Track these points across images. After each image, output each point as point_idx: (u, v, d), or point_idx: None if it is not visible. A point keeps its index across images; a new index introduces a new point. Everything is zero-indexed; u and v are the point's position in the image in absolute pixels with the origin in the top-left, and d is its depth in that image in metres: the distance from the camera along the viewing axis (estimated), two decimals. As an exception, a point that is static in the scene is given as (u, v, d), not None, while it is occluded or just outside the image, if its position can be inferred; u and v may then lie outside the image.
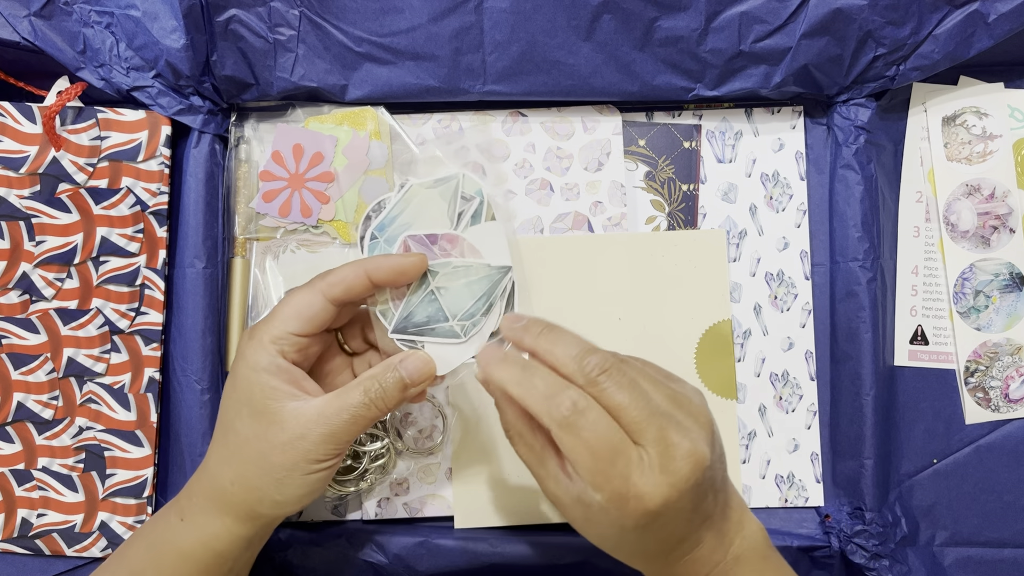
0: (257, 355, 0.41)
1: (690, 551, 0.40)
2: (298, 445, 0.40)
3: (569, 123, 0.58)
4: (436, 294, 0.42)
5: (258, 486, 0.42)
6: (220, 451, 0.43)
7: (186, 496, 0.45)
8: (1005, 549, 0.57)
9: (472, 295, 0.42)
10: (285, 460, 0.41)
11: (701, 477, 0.37)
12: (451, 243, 0.42)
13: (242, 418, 0.42)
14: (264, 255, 0.57)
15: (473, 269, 0.41)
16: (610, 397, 0.37)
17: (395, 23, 0.53)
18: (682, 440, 0.37)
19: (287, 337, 0.42)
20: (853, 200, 0.56)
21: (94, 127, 0.54)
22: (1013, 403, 0.58)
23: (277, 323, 0.42)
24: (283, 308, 0.43)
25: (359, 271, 0.43)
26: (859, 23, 0.53)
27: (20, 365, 0.54)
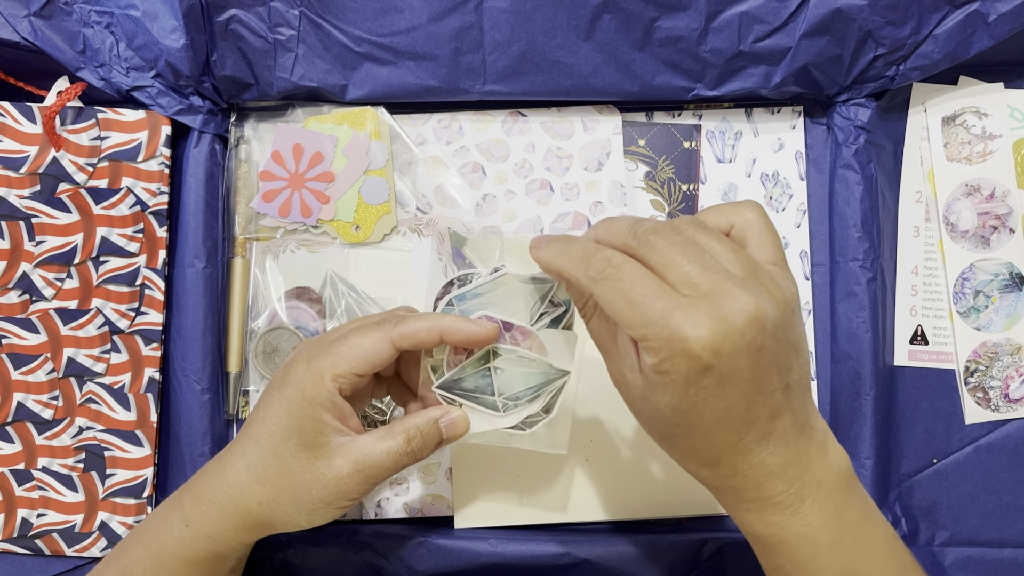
0: (317, 389, 0.41)
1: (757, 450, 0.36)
2: (341, 483, 0.42)
3: (569, 123, 0.58)
4: (492, 372, 0.43)
5: (289, 511, 0.42)
6: (254, 469, 0.43)
7: (192, 500, 0.44)
8: (1005, 549, 0.57)
9: (525, 383, 0.43)
10: (324, 495, 0.42)
11: (760, 338, 0.33)
12: (524, 336, 0.43)
13: (289, 447, 0.42)
14: (264, 255, 0.57)
15: (535, 364, 0.43)
16: (655, 252, 0.35)
17: (395, 23, 0.53)
18: (739, 291, 0.33)
19: (349, 376, 0.42)
20: (853, 200, 0.56)
21: (94, 127, 0.54)
22: (1013, 403, 0.58)
23: (342, 362, 0.42)
24: (349, 348, 0.42)
25: (434, 329, 0.42)
26: (859, 23, 0.53)
27: (20, 365, 0.54)
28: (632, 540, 0.55)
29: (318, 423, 0.41)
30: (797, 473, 0.36)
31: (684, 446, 0.37)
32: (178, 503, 0.45)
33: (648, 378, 0.35)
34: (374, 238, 0.57)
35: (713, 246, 0.35)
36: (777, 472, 0.36)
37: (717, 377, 0.33)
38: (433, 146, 0.58)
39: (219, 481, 0.44)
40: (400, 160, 0.58)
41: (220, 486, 0.44)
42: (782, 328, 0.34)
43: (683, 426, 0.36)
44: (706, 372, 0.33)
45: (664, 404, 0.35)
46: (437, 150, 0.58)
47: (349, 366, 0.42)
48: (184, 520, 0.44)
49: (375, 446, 0.42)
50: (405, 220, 0.57)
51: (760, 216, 0.38)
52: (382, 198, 0.57)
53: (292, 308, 0.57)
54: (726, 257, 0.35)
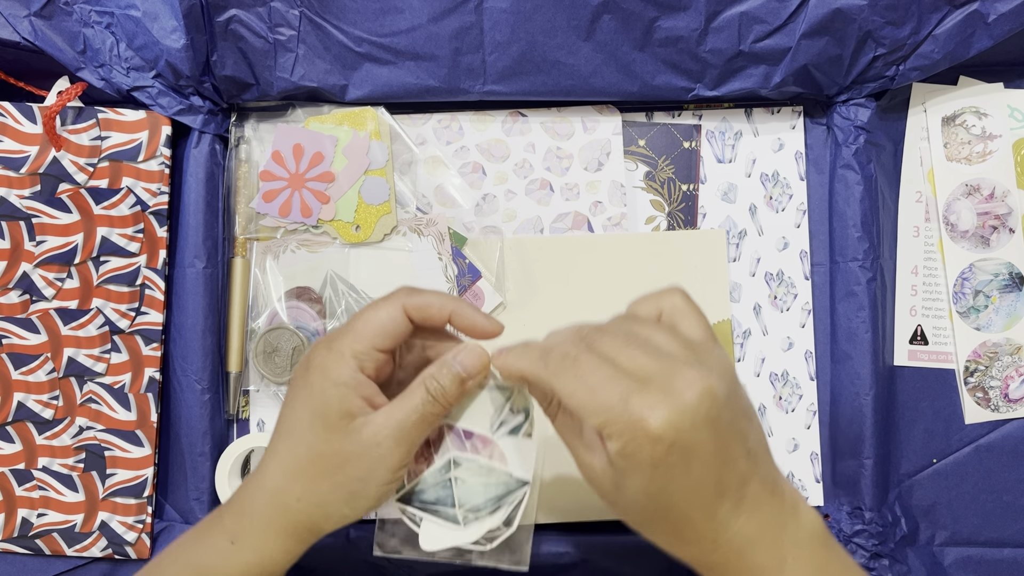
0: (339, 368, 0.40)
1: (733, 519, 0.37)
2: (373, 453, 0.40)
3: (569, 123, 0.58)
4: (452, 482, 0.43)
5: (328, 500, 0.41)
6: (286, 465, 0.41)
7: (234, 516, 0.42)
8: (1005, 549, 0.57)
9: (486, 494, 0.43)
10: (360, 471, 0.40)
11: (715, 410, 0.35)
12: (484, 445, 0.43)
13: (315, 431, 0.40)
14: (264, 255, 0.57)
15: (496, 474, 0.43)
16: (604, 347, 0.36)
17: (395, 23, 0.53)
18: (687, 369, 0.35)
19: (369, 352, 0.41)
20: (853, 200, 0.56)
21: (94, 127, 0.54)
22: (1012, 403, 0.58)
23: (360, 337, 0.41)
24: (364, 323, 0.41)
25: (445, 306, 0.42)
26: (859, 23, 0.53)
27: (20, 365, 0.54)
28: (632, 540, 0.55)
29: (343, 403, 0.40)
30: (774, 536, 0.38)
31: (663, 528, 0.38)
32: (218, 520, 0.43)
33: (616, 466, 0.36)
34: (374, 238, 0.57)
35: (651, 334, 0.37)
36: (755, 539, 0.37)
37: (681, 454, 0.35)
38: (433, 146, 0.58)
39: (255, 488, 0.42)
40: (400, 160, 0.58)
41: (257, 493, 0.42)
42: (732, 398, 0.36)
43: (658, 508, 0.37)
44: (670, 451, 0.34)
45: (635, 489, 0.36)
46: (437, 150, 0.58)
47: (368, 340, 0.41)
48: (229, 537, 0.42)
49: (398, 407, 0.40)
50: (405, 220, 0.57)
51: (684, 299, 0.40)
52: (382, 198, 0.57)
53: (292, 308, 0.57)
54: (665, 341, 0.37)
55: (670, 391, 0.34)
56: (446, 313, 0.42)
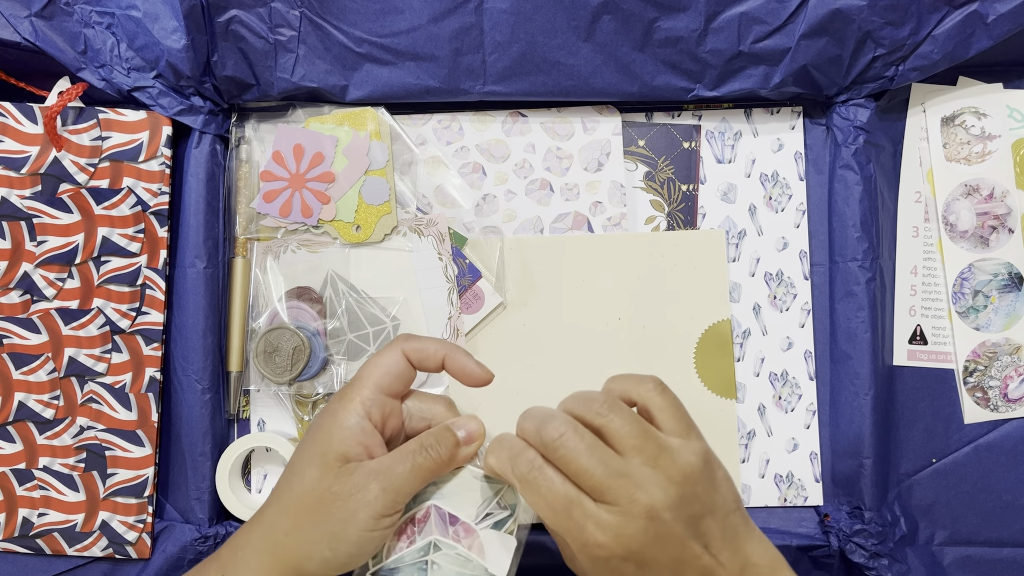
0: (347, 413, 0.42)
1: None
2: (357, 496, 0.41)
3: (569, 123, 0.58)
4: (428, 566, 0.43)
5: (311, 539, 0.41)
6: (282, 499, 0.43)
7: (230, 550, 0.43)
8: (1004, 548, 0.57)
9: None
10: (343, 512, 0.41)
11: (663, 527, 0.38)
12: (466, 534, 0.43)
13: (312, 467, 0.42)
14: (265, 255, 0.57)
15: (471, 566, 0.43)
16: (566, 463, 0.39)
17: (395, 24, 0.54)
18: (636, 491, 0.38)
19: (376, 396, 0.43)
20: (852, 200, 0.56)
21: (95, 127, 0.54)
22: (1012, 403, 0.58)
23: (366, 383, 0.43)
24: (370, 369, 0.44)
25: (439, 350, 0.44)
26: (858, 23, 0.53)
27: (21, 365, 0.54)
28: None
29: (344, 446, 0.41)
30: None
31: None
32: (216, 555, 0.44)
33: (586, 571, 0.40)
34: (375, 238, 0.57)
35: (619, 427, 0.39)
36: None
37: (636, 562, 0.38)
38: (433, 146, 0.58)
39: (254, 522, 0.43)
40: (400, 160, 0.58)
41: (255, 527, 0.43)
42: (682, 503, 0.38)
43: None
44: (624, 561, 0.38)
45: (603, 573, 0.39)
46: (437, 150, 0.58)
47: (373, 382, 0.43)
48: (221, 570, 0.43)
49: (391, 456, 0.42)
50: (405, 220, 0.57)
51: (660, 392, 0.42)
52: (382, 198, 0.57)
53: (293, 308, 0.57)
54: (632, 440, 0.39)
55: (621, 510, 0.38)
56: (440, 357, 0.44)
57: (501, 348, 0.57)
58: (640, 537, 0.38)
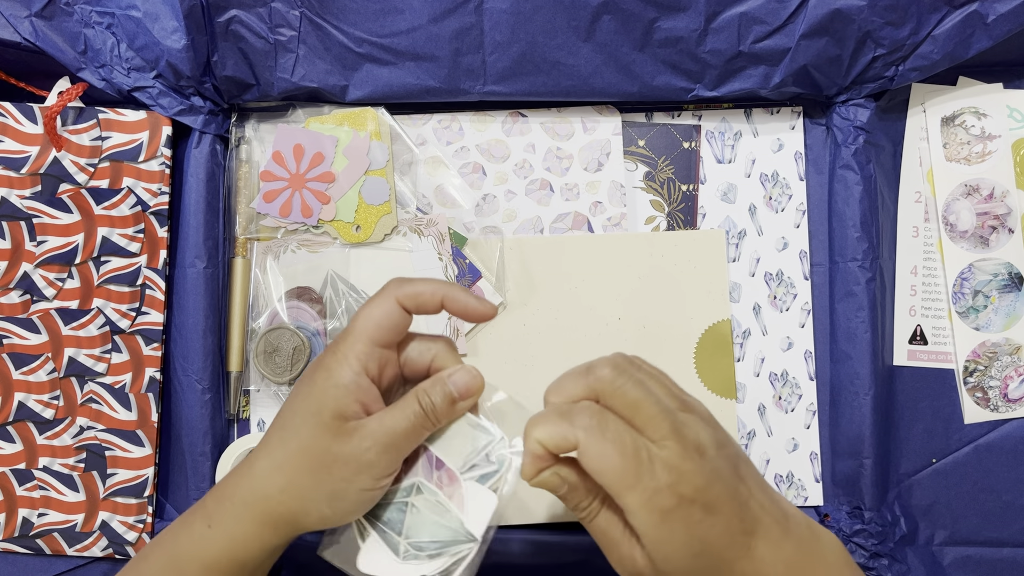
0: (341, 370, 0.41)
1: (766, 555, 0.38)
2: (361, 457, 0.40)
3: (569, 123, 0.58)
4: (408, 508, 0.43)
5: (310, 497, 0.41)
6: (274, 456, 0.42)
7: (215, 500, 0.43)
8: (1004, 548, 0.57)
9: (432, 535, 0.43)
10: (345, 472, 0.40)
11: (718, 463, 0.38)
12: (450, 481, 0.43)
13: (309, 427, 0.41)
14: (265, 255, 0.57)
15: (449, 516, 0.43)
16: (625, 395, 0.38)
17: (395, 24, 0.54)
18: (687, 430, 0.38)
19: (371, 350, 0.41)
20: (852, 200, 0.56)
21: (95, 127, 0.54)
22: (1012, 403, 0.58)
23: (360, 336, 0.41)
24: (361, 321, 0.42)
25: (436, 292, 0.42)
26: (858, 24, 0.53)
27: (21, 365, 0.54)
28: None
29: (340, 404, 0.40)
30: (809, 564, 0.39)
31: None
32: (202, 505, 0.44)
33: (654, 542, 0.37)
34: (375, 238, 0.57)
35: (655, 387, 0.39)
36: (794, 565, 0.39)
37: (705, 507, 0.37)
38: (433, 146, 0.58)
39: (242, 475, 0.43)
40: (400, 160, 0.58)
41: (243, 480, 0.42)
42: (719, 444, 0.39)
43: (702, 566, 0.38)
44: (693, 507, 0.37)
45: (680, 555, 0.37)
46: (437, 150, 0.58)
47: (368, 337, 0.41)
48: (207, 520, 0.42)
49: (390, 415, 0.41)
50: (405, 220, 0.57)
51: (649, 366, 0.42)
52: (383, 198, 0.57)
53: (293, 308, 0.57)
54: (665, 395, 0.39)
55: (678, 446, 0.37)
56: (438, 298, 0.42)
57: (501, 348, 0.57)
58: (700, 472, 0.37)
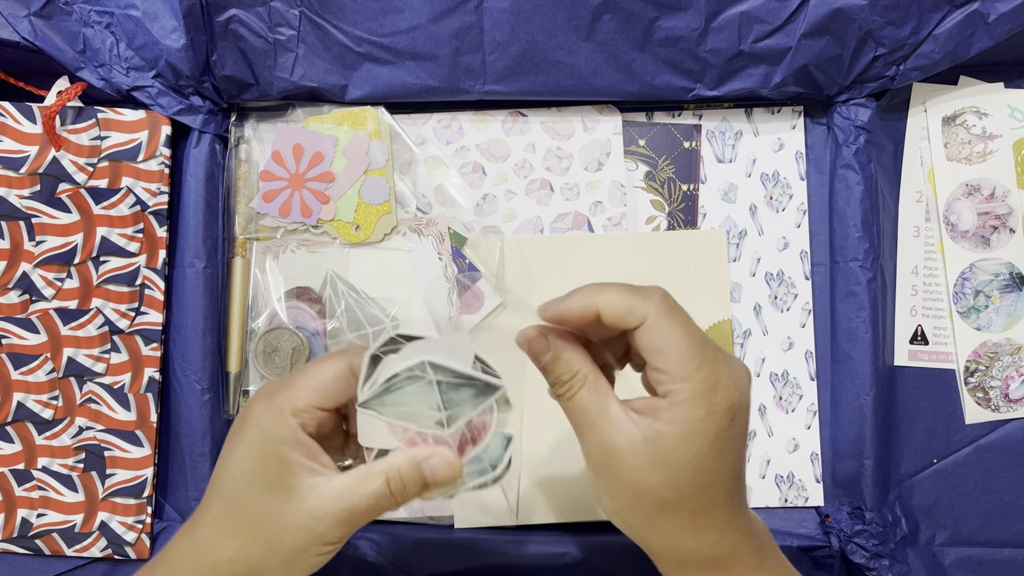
0: (277, 427, 0.38)
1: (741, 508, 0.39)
2: (314, 527, 0.38)
3: (569, 123, 0.58)
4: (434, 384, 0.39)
5: (264, 566, 0.39)
6: (220, 523, 0.39)
7: (163, 567, 0.40)
8: (1005, 549, 0.57)
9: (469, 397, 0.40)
10: (298, 541, 0.38)
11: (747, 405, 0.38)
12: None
13: (255, 492, 0.38)
14: (264, 255, 0.57)
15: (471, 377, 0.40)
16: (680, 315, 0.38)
17: (395, 23, 0.53)
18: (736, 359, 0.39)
19: (310, 411, 0.39)
20: (853, 200, 0.56)
21: (94, 127, 0.54)
22: (1013, 403, 0.58)
23: (301, 395, 0.39)
24: (307, 379, 0.40)
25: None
26: (859, 23, 0.53)
27: (20, 365, 0.54)
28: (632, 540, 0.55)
29: (284, 462, 0.38)
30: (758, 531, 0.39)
31: (683, 516, 0.38)
32: (150, 572, 0.41)
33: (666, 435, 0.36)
34: (374, 238, 0.57)
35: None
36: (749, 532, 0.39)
37: (735, 431, 0.37)
38: (433, 146, 0.58)
39: (186, 543, 0.40)
40: (400, 160, 0.58)
41: (187, 548, 0.40)
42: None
43: (697, 485, 0.37)
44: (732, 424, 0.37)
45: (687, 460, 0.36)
46: (437, 150, 0.58)
47: (309, 398, 0.39)
48: None
49: (351, 489, 0.38)
50: (405, 220, 0.57)
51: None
52: (382, 198, 0.57)
53: (292, 308, 0.57)
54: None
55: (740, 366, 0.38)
56: None
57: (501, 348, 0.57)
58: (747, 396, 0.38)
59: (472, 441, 0.40)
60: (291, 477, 0.38)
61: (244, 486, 0.39)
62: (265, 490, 0.38)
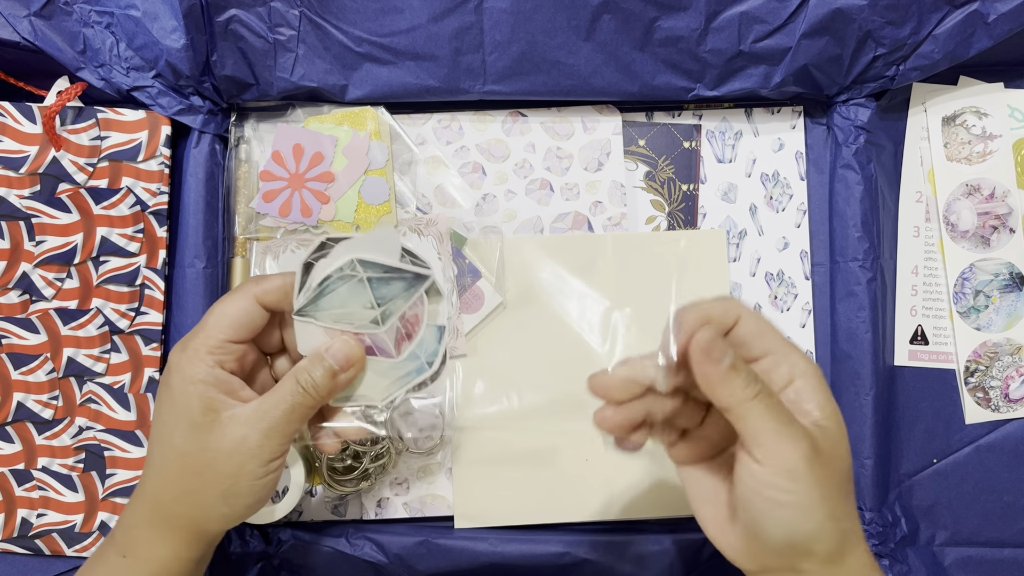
0: (194, 367, 0.40)
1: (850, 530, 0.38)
2: (241, 448, 0.39)
3: (569, 123, 0.58)
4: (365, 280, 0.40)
5: (205, 501, 0.40)
6: (159, 470, 0.41)
7: (123, 530, 0.42)
8: (1005, 549, 0.57)
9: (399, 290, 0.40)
10: (231, 466, 0.39)
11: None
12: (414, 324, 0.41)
13: (181, 431, 0.40)
14: (264, 255, 0.57)
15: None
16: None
17: (395, 23, 0.53)
18: None
19: (223, 346, 0.40)
20: (853, 200, 0.56)
21: (94, 127, 0.54)
22: (1013, 403, 0.58)
23: (212, 332, 0.40)
24: (215, 318, 0.41)
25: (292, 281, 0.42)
26: (859, 23, 0.53)
27: (20, 365, 0.54)
28: (632, 540, 0.55)
29: (204, 399, 0.39)
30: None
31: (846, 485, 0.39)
32: (111, 539, 0.43)
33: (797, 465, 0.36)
34: (374, 238, 0.57)
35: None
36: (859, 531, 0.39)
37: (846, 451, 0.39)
38: (433, 146, 0.58)
39: (137, 499, 0.42)
40: (400, 160, 0.58)
41: (138, 503, 0.42)
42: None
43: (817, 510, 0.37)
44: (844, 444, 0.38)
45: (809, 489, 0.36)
46: (437, 150, 0.58)
47: (220, 334, 0.40)
48: (119, 551, 0.42)
49: (267, 400, 0.40)
50: (405, 220, 0.57)
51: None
52: (382, 198, 0.57)
53: (292, 308, 0.57)
54: None
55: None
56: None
57: (501, 348, 0.57)
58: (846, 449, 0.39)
59: (408, 336, 0.41)
60: (213, 412, 0.40)
61: (172, 428, 0.40)
62: (190, 428, 0.40)
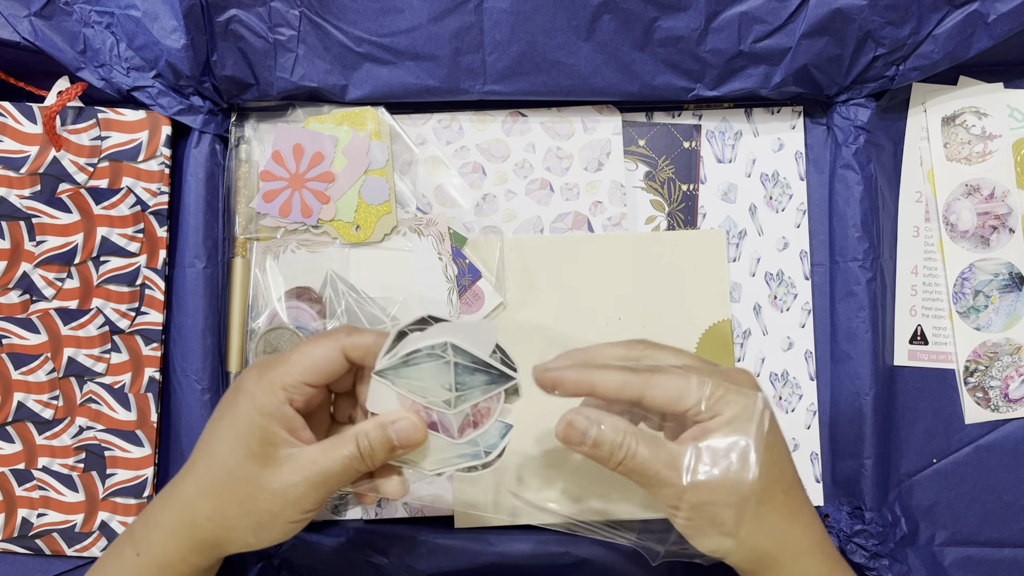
0: (266, 398, 0.41)
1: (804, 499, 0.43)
2: (287, 493, 0.40)
3: (569, 123, 0.58)
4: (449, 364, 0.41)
5: (235, 526, 0.41)
6: (202, 483, 0.42)
7: (143, 525, 0.43)
8: (1005, 549, 0.57)
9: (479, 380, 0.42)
10: (272, 506, 0.40)
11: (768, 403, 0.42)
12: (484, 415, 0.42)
13: (236, 456, 0.41)
14: (264, 255, 0.57)
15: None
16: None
17: (395, 23, 0.53)
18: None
19: (299, 386, 0.41)
20: (853, 200, 0.56)
21: (94, 127, 0.54)
22: (1012, 403, 0.58)
23: (292, 370, 0.41)
24: (300, 356, 0.42)
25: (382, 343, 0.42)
26: (859, 23, 0.53)
27: (20, 365, 0.54)
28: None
29: (266, 433, 0.40)
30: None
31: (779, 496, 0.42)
32: (130, 532, 0.44)
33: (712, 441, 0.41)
34: (374, 238, 0.57)
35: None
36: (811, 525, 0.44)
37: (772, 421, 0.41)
38: (433, 146, 0.58)
39: (169, 500, 0.43)
40: (400, 160, 0.58)
41: (169, 505, 0.43)
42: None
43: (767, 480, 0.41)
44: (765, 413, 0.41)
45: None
46: (437, 150, 0.58)
47: (300, 375, 0.41)
48: (135, 548, 0.43)
49: (324, 453, 0.41)
50: (405, 220, 0.57)
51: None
52: (382, 198, 0.57)
53: (292, 308, 0.57)
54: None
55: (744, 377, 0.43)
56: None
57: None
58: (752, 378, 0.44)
59: (473, 425, 0.42)
60: (271, 447, 0.41)
61: (227, 450, 0.41)
62: (246, 455, 0.41)
